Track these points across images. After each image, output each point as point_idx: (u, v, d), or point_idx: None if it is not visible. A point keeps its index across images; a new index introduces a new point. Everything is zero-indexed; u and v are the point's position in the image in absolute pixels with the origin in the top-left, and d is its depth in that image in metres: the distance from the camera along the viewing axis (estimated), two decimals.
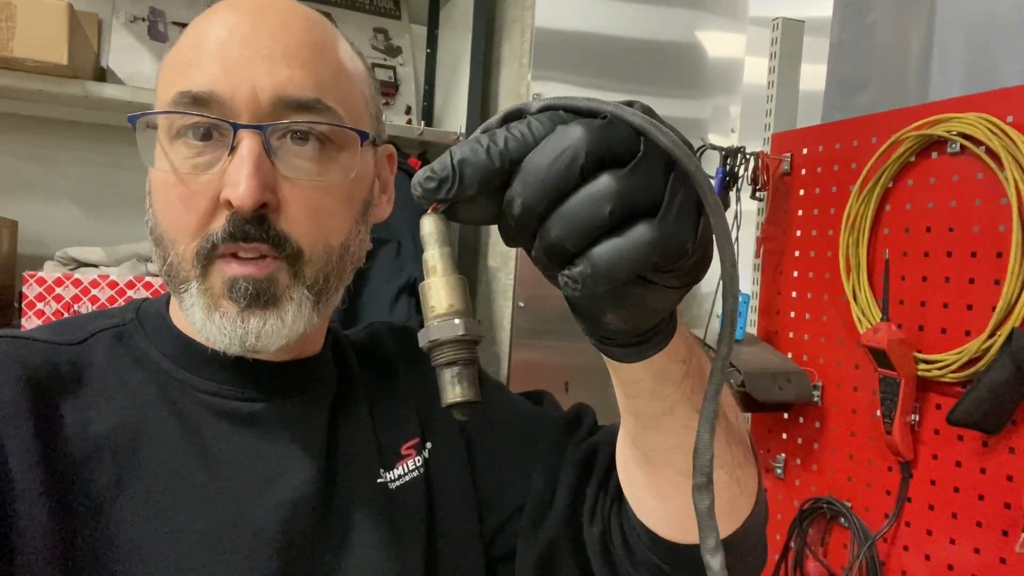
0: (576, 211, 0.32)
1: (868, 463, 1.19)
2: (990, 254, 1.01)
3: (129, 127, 0.57)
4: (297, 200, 0.55)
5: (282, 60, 0.55)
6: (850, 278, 1.20)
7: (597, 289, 0.33)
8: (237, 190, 0.51)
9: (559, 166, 0.32)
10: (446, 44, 1.96)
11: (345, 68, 0.60)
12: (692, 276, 0.36)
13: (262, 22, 0.56)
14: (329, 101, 0.56)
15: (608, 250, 0.33)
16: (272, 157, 0.54)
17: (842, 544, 1.22)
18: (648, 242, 0.33)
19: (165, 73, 0.58)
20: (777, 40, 1.46)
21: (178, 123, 0.55)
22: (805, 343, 1.31)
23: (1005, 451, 0.99)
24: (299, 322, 0.56)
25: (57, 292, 1.47)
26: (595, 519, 0.61)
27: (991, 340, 0.98)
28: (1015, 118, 0.98)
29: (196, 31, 0.57)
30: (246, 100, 0.53)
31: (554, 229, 0.33)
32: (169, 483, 0.55)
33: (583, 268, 0.33)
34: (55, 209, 1.70)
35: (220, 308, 0.54)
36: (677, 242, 0.34)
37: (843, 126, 1.26)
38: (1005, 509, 0.99)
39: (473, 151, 0.34)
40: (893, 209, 1.16)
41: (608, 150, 0.33)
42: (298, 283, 0.56)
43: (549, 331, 1.59)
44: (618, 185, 0.32)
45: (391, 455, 0.65)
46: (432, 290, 0.37)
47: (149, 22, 1.74)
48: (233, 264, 0.54)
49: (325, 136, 0.56)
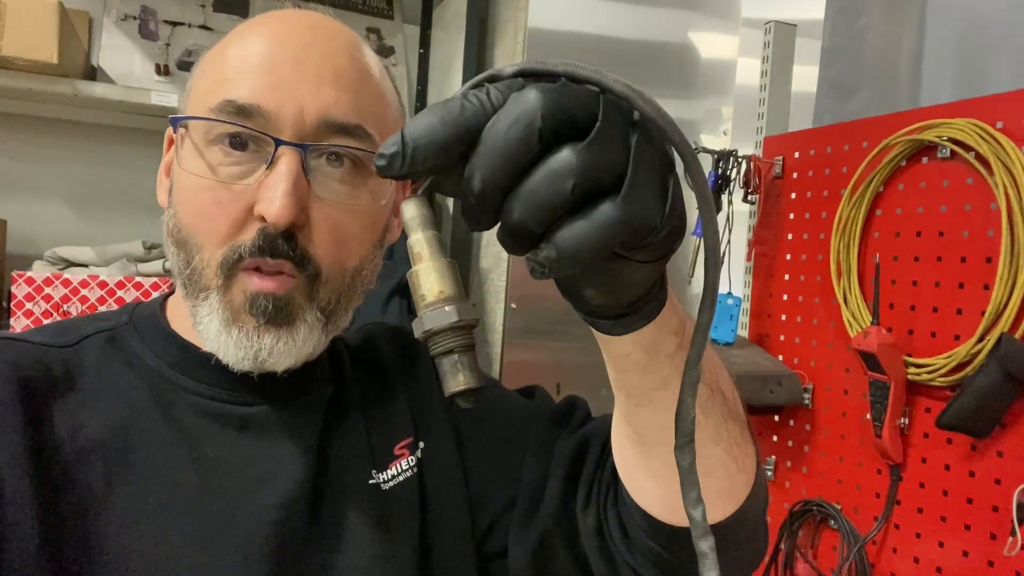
0: (536, 189, 0.31)
1: (858, 466, 1.20)
2: (980, 259, 1.02)
3: (119, 127, 0.58)
4: (326, 222, 0.56)
5: (330, 82, 0.56)
6: (841, 282, 1.21)
7: (564, 272, 0.32)
8: (272, 207, 0.52)
9: (513, 135, 0.30)
10: (439, 44, 1.95)
11: (384, 94, 0.61)
12: (665, 249, 0.35)
13: (312, 42, 0.57)
14: (369, 128, 0.57)
15: (573, 234, 0.31)
16: (308, 176, 0.54)
17: (832, 546, 1.22)
18: (613, 222, 0.31)
19: (206, 76, 0.58)
20: (769, 43, 1.46)
21: (217, 130, 0.55)
22: (796, 346, 1.32)
23: (993, 455, 1.00)
24: (309, 343, 0.57)
25: (46, 292, 1.46)
26: (589, 509, 0.61)
27: (980, 345, 0.99)
28: (1005, 124, 0.99)
29: (244, 41, 0.57)
30: (291, 118, 0.54)
31: (515, 210, 0.31)
32: (160, 485, 0.55)
33: (547, 252, 0.31)
34: (44, 208, 1.69)
35: (239, 321, 0.55)
36: (644, 218, 0.32)
37: (835, 130, 1.27)
38: (993, 512, 0.99)
39: (426, 125, 0.31)
40: (884, 213, 1.17)
41: (567, 117, 0.31)
42: (312, 305, 0.57)
43: (541, 332, 1.59)
44: (578, 159, 0.30)
45: (384, 456, 0.65)
46: (420, 277, 0.36)
47: (140, 20, 1.73)
48: (255, 278, 0.55)
49: (359, 160, 0.57)
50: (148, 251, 1.61)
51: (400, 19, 1.98)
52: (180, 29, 1.77)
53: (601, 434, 0.64)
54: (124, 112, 1.61)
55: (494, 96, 0.32)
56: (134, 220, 1.70)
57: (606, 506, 0.60)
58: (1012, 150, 0.96)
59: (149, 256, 1.61)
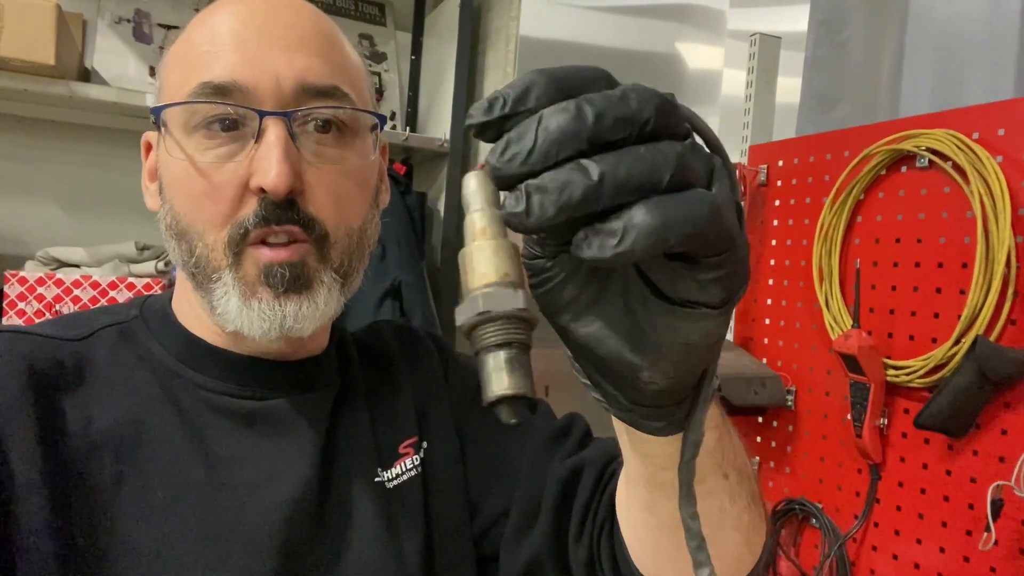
0: (631, 163, 0.27)
1: (839, 466, 1.23)
2: (956, 265, 1.06)
3: (112, 128, 0.60)
4: (322, 184, 0.56)
5: (299, 49, 0.56)
6: (823, 287, 1.24)
7: (636, 251, 0.27)
8: (269, 176, 0.53)
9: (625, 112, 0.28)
10: (431, 51, 1.98)
11: (351, 58, 0.62)
12: (733, 283, 0.31)
13: (274, 13, 0.57)
14: (345, 88, 0.57)
15: (661, 205, 0.27)
16: (296, 143, 0.55)
17: (813, 544, 1.25)
18: (705, 200, 0.28)
19: (176, 69, 0.58)
20: (755, 55, 1.50)
21: (199, 115, 0.55)
22: (779, 349, 1.35)
23: (969, 454, 1.03)
24: (330, 305, 0.57)
25: (39, 292, 1.47)
26: (582, 541, 0.61)
27: (956, 347, 1.02)
28: (981, 135, 1.02)
29: (206, 25, 0.57)
30: (270, 89, 0.54)
31: (622, 166, 0.27)
32: (170, 479, 0.55)
33: (616, 226, 0.27)
34: (37, 209, 1.69)
35: (257, 295, 0.55)
36: (729, 220, 0.29)
37: (817, 139, 1.30)
38: (969, 510, 1.03)
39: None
40: (864, 220, 1.20)
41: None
42: (326, 266, 0.57)
43: (532, 336, 1.61)
44: (681, 148, 0.28)
45: (389, 454, 0.66)
46: (481, 254, 0.29)
47: (134, 23, 1.74)
48: (265, 250, 0.55)
49: (343, 122, 0.58)
50: (140, 252, 1.61)
51: (392, 26, 2.00)
52: (174, 32, 1.78)
53: (599, 461, 0.63)
54: (118, 114, 1.62)
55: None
56: (126, 221, 1.71)
57: (600, 539, 0.60)
58: (987, 160, 1.00)
59: (142, 257, 1.61)
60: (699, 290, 0.30)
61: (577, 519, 0.62)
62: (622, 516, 0.55)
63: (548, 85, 0.29)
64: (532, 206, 0.27)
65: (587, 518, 0.61)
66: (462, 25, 1.75)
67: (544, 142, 0.27)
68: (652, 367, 0.33)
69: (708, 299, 0.31)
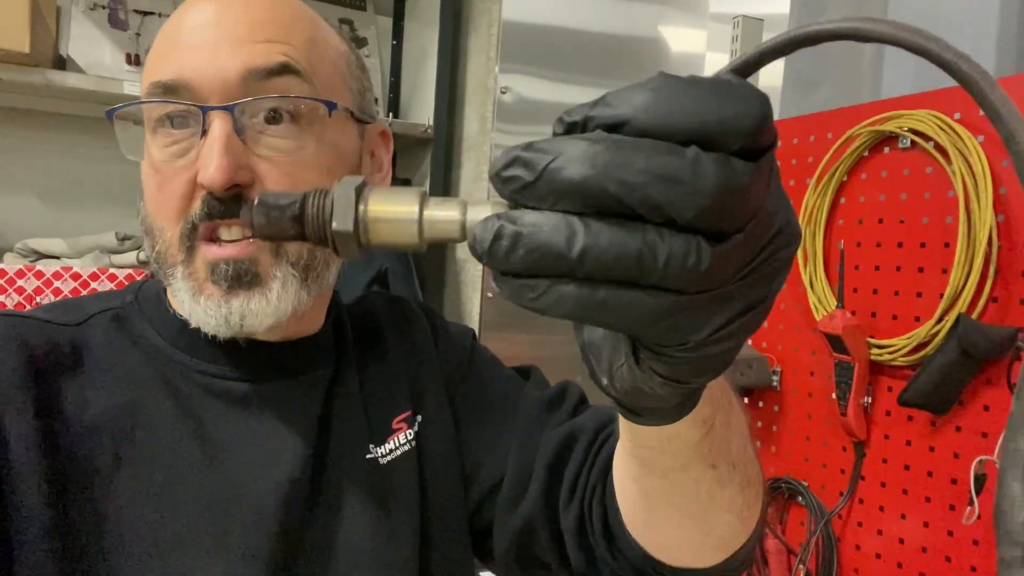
0: (626, 247, 0.25)
1: (824, 444, 1.24)
2: (938, 244, 1.07)
3: (88, 117, 0.59)
4: (274, 175, 0.55)
5: (247, 39, 0.55)
6: (807, 267, 1.25)
7: (559, 313, 0.26)
8: (207, 171, 0.53)
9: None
10: (412, 36, 1.96)
11: (317, 41, 0.60)
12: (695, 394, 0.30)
13: (228, 7, 0.56)
14: (298, 67, 0.56)
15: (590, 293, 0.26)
16: (243, 136, 0.54)
17: (800, 521, 1.27)
18: (654, 313, 0.26)
19: (145, 68, 0.59)
20: (737, 37, 1.50)
21: (155, 114, 0.56)
22: (764, 330, 1.36)
23: (952, 430, 1.05)
24: (285, 300, 0.56)
25: (19, 284, 1.45)
26: (572, 506, 0.61)
27: (939, 326, 1.04)
28: (962, 115, 1.04)
29: (169, 25, 0.58)
30: (213, 83, 0.54)
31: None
32: (166, 463, 0.56)
33: (543, 287, 0.26)
34: (14, 200, 1.67)
35: (204, 291, 0.55)
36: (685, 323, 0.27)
37: (800, 122, 1.31)
38: (952, 485, 1.05)
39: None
40: (848, 202, 1.21)
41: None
42: (280, 260, 0.56)
43: (517, 322, 1.62)
44: (700, 259, 0.25)
45: (382, 430, 0.66)
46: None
47: (109, 10, 1.71)
48: (213, 247, 0.55)
49: (296, 111, 0.56)
50: (121, 242, 1.60)
51: (373, 10, 1.98)
52: (150, 19, 1.75)
53: (592, 427, 0.64)
54: (95, 102, 1.59)
55: None
56: (105, 212, 1.69)
57: (591, 503, 0.60)
58: (969, 140, 1.01)
59: (122, 247, 1.60)
60: (658, 367, 0.29)
61: (568, 484, 0.62)
62: (616, 480, 0.55)
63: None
64: (493, 249, 0.26)
65: (578, 483, 0.62)
66: (444, 9, 1.73)
67: (544, 186, 0.25)
68: (664, 381, 0.31)
69: (668, 377, 0.30)
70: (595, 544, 0.59)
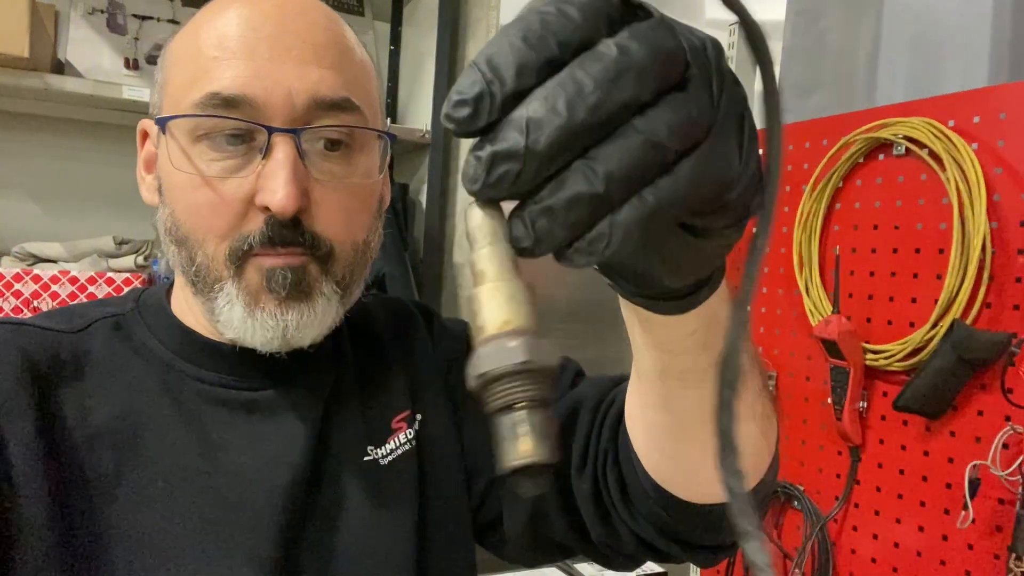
0: (632, 148, 0.26)
1: (819, 448, 1.25)
2: (933, 250, 1.08)
3: (87, 121, 0.58)
4: (328, 202, 0.56)
5: (313, 61, 0.55)
6: (803, 273, 1.26)
7: (624, 252, 0.27)
8: (276, 196, 0.52)
9: (622, 90, 0.25)
10: (410, 42, 1.97)
11: (365, 67, 0.61)
12: (743, 208, 0.30)
13: (287, 20, 0.55)
14: (357, 100, 0.57)
15: (641, 205, 0.26)
16: (305, 161, 0.54)
17: (795, 526, 1.28)
18: (689, 181, 0.26)
19: (183, 70, 0.57)
20: (733, 44, 1.51)
21: (205, 125, 0.54)
22: (761, 335, 1.37)
23: (946, 435, 1.05)
24: (328, 316, 0.57)
25: (16, 288, 1.45)
26: (585, 472, 0.60)
27: (933, 331, 1.05)
28: (956, 122, 1.05)
29: (215, 27, 0.56)
30: (281, 104, 0.53)
31: (596, 173, 0.25)
32: (168, 470, 0.56)
33: (603, 229, 0.26)
34: (12, 204, 1.66)
35: (260, 303, 0.55)
36: (720, 171, 0.28)
37: (796, 128, 1.32)
38: (947, 489, 1.05)
39: (506, 47, 0.26)
40: (843, 208, 1.22)
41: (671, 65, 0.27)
42: (328, 278, 0.57)
43: None
44: (682, 107, 0.26)
45: (381, 431, 0.66)
46: (482, 302, 0.27)
47: (108, 14, 1.71)
48: (270, 256, 0.55)
49: (352, 139, 0.57)
50: (119, 246, 1.60)
51: (370, 16, 1.99)
52: (149, 23, 1.75)
53: (593, 395, 0.63)
54: (93, 107, 1.59)
55: (578, 13, 0.26)
56: (103, 216, 1.69)
57: (605, 467, 0.58)
58: (963, 147, 1.02)
59: (120, 251, 1.60)
60: (711, 221, 0.31)
61: (578, 453, 0.61)
62: (635, 424, 0.54)
63: (527, 56, 0.25)
64: (540, 235, 0.26)
65: (588, 450, 0.60)
66: (442, 14, 1.74)
67: (535, 158, 0.25)
68: (672, 275, 0.34)
69: (723, 223, 0.31)
70: (613, 506, 0.58)
